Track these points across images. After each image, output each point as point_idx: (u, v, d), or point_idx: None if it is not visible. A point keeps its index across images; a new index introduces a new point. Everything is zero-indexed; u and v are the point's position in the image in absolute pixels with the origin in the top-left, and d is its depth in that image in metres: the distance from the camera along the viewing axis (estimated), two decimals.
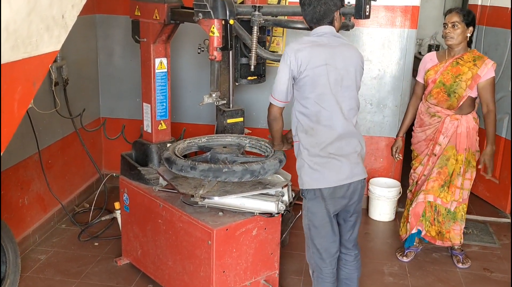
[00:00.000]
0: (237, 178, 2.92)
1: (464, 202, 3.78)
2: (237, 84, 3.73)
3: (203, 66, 4.63)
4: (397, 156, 3.89)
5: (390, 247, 4.16)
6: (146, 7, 3.33)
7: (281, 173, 3.17)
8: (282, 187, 3.03)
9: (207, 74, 4.51)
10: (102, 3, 4.76)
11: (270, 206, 2.95)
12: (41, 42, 1.43)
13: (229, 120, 3.61)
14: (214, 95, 3.26)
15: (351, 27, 3.63)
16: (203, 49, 3.24)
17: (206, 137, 3.47)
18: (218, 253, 2.90)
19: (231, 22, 2.90)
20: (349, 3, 3.53)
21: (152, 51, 3.38)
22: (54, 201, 4.20)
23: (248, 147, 3.42)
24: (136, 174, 3.48)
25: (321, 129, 2.66)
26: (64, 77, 4.19)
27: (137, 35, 3.44)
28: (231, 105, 3.70)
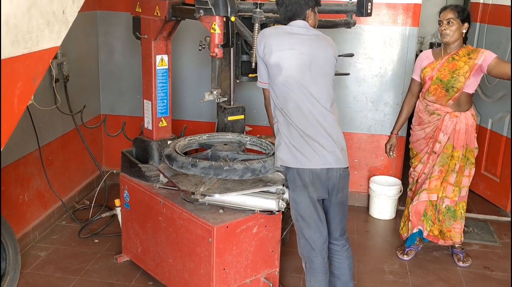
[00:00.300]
0: (238, 176, 2.92)
1: (463, 199, 3.78)
2: (238, 81, 3.73)
3: (204, 63, 4.62)
4: (391, 153, 3.89)
5: (391, 245, 4.16)
6: (147, 4, 3.32)
7: (281, 171, 3.16)
8: (282, 185, 3.02)
9: (208, 71, 4.51)
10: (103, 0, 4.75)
11: (270, 203, 2.95)
12: (41, 37, 1.43)
13: (230, 118, 3.61)
14: (215, 93, 3.25)
15: (353, 24, 3.62)
16: (204, 46, 3.23)
17: (207, 135, 3.46)
18: (218, 251, 2.89)
19: (233, 19, 2.90)
20: (351, 1, 3.52)
21: (153, 48, 3.37)
22: (54, 198, 4.19)
23: (249, 144, 3.41)
24: (136, 171, 3.48)
25: (291, 112, 2.75)
26: (65, 74, 4.18)
27: (138, 31, 3.43)
28: (232, 102, 3.69)
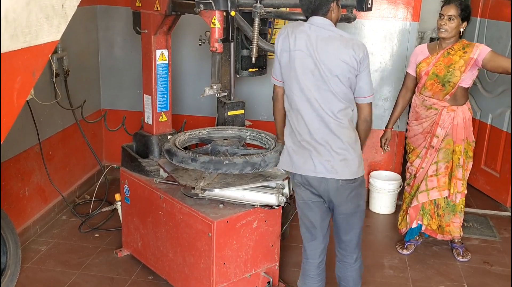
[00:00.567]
0: (238, 171, 2.92)
1: (463, 194, 3.79)
2: (238, 76, 3.73)
3: (204, 58, 4.62)
4: (386, 148, 3.87)
5: (390, 240, 4.16)
6: None
7: None
8: (282, 180, 3.03)
9: (208, 66, 4.50)
10: None
11: (270, 198, 2.96)
12: (40, 31, 1.43)
13: (230, 112, 3.61)
14: (215, 87, 3.25)
15: (353, 19, 3.61)
16: (204, 40, 3.23)
17: (207, 129, 3.47)
18: (218, 245, 2.90)
19: (233, 13, 2.89)
20: None
21: (153, 42, 3.37)
22: (55, 193, 4.20)
23: (249, 139, 3.41)
24: (136, 165, 3.48)
25: (292, 114, 2.70)
26: (65, 68, 4.18)
27: (138, 26, 3.43)
28: (232, 97, 3.69)
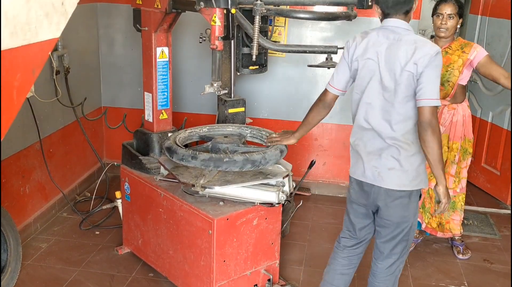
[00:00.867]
0: (238, 168, 2.92)
1: (463, 191, 3.79)
2: (238, 73, 3.72)
3: (204, 55, 4.62)
4: None
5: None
6: None
7: (282, 163, 3.17)
8: (283, 177, 3.03)
9: (208, 64, 4.50)
10: None
11: (270, 196, 2.96)
12: (40, 29, 1.42)
13: (230, 110, 3.61)
14: (215, 85, 3.24)
15: (354, 17, 3.61)
16: (204, 38, 3.23)
17: (207, 127, 3.47)
18: (218, 243, 2.90)
19: (233, 11, 2.89)
20: None
21: (153, 40, 3.37)
22: (55, 190, 4.21)
23: (249, 137, 3.41)
24: (137, 163, 3.48)
25: (355, 121, 2.69)
26: (66, 66, 4.18)
27: (139, 24, 3.43)
28: (232, 95, 3.69)
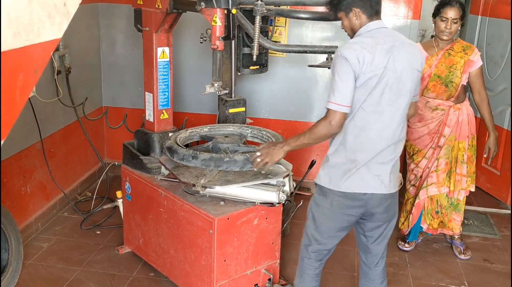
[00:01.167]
0: (239, 168, 2.93)
1: (468, 191, 3.79)
2: (239, 73, 3.73)
3: (205, 55, 4.62)
4: None
5: (391, 237, 4.16)
6: None
7: (282, 163, 3.17)
8: (283, 177, 3.03)
9: (209, 64, 4.50)
10: None
11: (271, 196, 2.96)
12: (42, 29, 1.44)
13: (231, 110, 3.62)
14: (216, 85, 3.25)
15: None
16: (205, 38, 3.23)
17: (208, 127, 3.48)
18: (219, 242, 2.91)
19: (234, 11, 2.89)
20: None
21: (154, 40, 3.38)
22: (57, 190, 4.21)
23: (250, 137, 3.42)
24: (138, 163, 3.49)
25: (353, 133, 2.52)
26: (67, 66, 4.19)
27: (140, 24, 3.43)
28: (233, 95, 3.70)
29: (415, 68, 2.50)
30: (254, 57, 3.27)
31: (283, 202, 3.04)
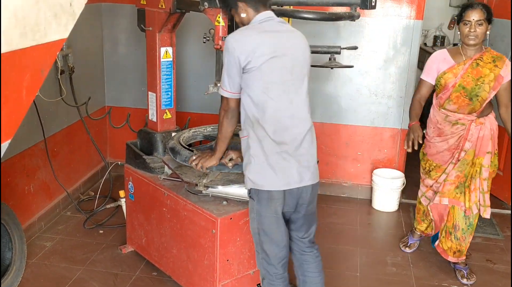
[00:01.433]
0: (239, 169, 2.93)
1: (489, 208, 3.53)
2: None
3: (208, 55, 4.63)
4: (413, 144, 3.40)
5: (393, 237, 4.17)
6: None
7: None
8: None
9: (212, 64, 4.51)
10: None
11: None
12: (49, 29, 1.45)
13: None
14: (219, 85, 3.26)
15: (357, 17, 3.61)
16: (208, 38, 3.24)
17: (211, 126, 3.48)
18: (222, 242, 2.92)
19: None
20: None
21: (157, 40, 3.39)
22: (60, 189, 4.23)
23: None
24: (141, 162, 3.50)
25: (269, 123, 2.50)
26: (70, 66, 4.20)
27: (143, 24, 3.44)
28: None
29: (300, 53, 2.59)
30: None
31: None
